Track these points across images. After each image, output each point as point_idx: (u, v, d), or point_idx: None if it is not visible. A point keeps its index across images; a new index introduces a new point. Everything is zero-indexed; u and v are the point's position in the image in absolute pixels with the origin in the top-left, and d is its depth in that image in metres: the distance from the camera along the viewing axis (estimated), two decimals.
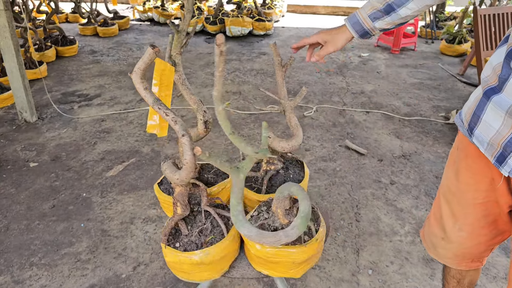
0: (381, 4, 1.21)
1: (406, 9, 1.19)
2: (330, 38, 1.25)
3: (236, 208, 0.99)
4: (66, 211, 2.34)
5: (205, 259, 1.18)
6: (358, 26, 1.25)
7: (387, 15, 1.21)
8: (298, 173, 1.56)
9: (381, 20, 1.22)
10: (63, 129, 3.22)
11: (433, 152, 2.99)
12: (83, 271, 1.95)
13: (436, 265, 2.00)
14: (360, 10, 1.26)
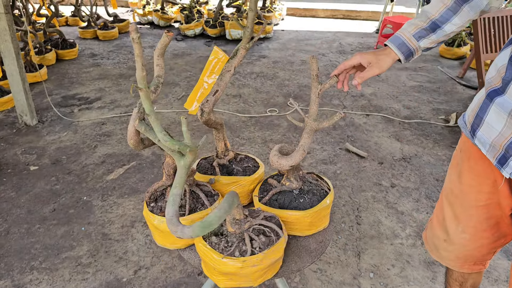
0: (425, 22, 1.18)
1: (451, 25, 1.17)
2: (374, 59, 1.19)
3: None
4: (66, 214, 2.34)
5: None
6: (404, 48, 1.20)
7: (432, 33, 1.18)
8: (313, 199, 1.35)
9: (426, 39, 1.18)
10: (64, 133, 3.22)
11: (433, 154, 2.99)
12: (84, 275, 1.95)
13: (437, 268, 2.00)
14: (402, 31, 1.21)
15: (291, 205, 1.32)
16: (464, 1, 1.15)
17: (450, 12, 1.16)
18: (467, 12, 1.15)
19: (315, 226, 1.34)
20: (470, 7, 1.15)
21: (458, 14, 1.16)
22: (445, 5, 1.17)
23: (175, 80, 4.34)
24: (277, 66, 4.81)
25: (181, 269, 1.97)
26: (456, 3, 1.16)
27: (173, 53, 5.28)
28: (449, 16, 1.17)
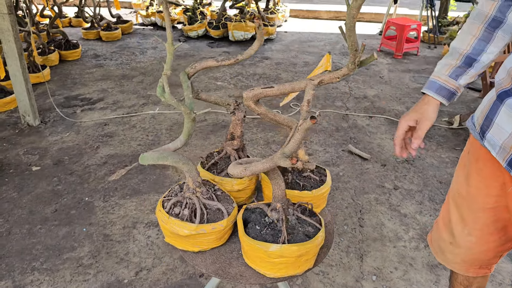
0: (458, 59, 1.13)
1: (487, 55, 1.11)
2: (419, 115, 1.14)
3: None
4: (68, 215, 2.33)
5: None
6: (443, 91, 1.14)
7: (469, 68, 1.12)
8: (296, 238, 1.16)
9: (465, 75, 1.12)
10: (66, 133, 3.22)
11: (437, 157, 2.97)
12: (85, 276, 1.94)
13: (441, 271, 1.98)
14: (437, 75, 1.16)
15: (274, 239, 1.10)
16: (495, 27, 1.08)
17: (483, 42, 1.10)
18: (501, 38, 1.09)
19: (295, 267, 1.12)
20: (504, 31, 1.08)
21: (492, 41, 1.09)
22: (475, 37, 1.11)
23: (177, 81, 4.30)
24: (280, 67, 4.80)
25: (182, 270, 1.96)
26: (487, 31, 1.10)
27: (176, 54, 5.27)
28: (483, 46, 1.10)
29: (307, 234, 1.10)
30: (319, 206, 1.35)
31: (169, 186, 2.59)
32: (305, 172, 1.35)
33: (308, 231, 1.11)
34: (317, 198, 1.29)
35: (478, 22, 1.11)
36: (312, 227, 1.13)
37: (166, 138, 3.16)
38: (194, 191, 1.19)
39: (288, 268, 1.07)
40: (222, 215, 1.17)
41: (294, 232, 1.10)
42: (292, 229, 1.11)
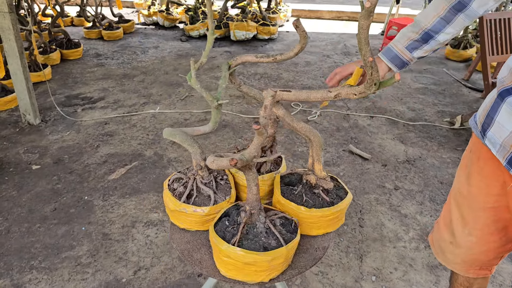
0: (417, 33, 1.20)
1: (444, 35, 1.18)
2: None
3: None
4: (67, 214, 2.33)
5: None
6: (396, 60, 1.23)
7: (425, 44, 1.20)
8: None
9: (420, 49, 1.21)
10: (66, 132, 3.22)
11: (438, 157, 2.96)
12: (83, 275, 1.93)
13: (441, 272, 1.97)
14: (395, 43, 1.23)
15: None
16: (459, 10, 1.14)
17: (443, 22, 1.16)
18: (462, 21, 1.15)
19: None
20: (466, 16, 1.14)
21: (452, 23, 1.15)
22: (438, 15, 1.17)
23: (178, 81, 4.34)
24: (281, 67, 4.79)
25: (181, 270, 1.95)
26: (450, 12, 1.15)
27: (177, 53, 5.27)
28: (442, 25, 1.16)
29: (265, 246, 1.04)
30: (321, 228, 1.21)
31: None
32: (316, 188, 1.23)
33: (269, 243, 1.05)
34: (312, 218, 1.17)
35: (445, 1, 1.16)
36: (277, 242, 1.06)
37: None
38: (195, 173, 1.24)
39: (237, 272, 1.04)
40: (209, 202, 1.19)
41: (254, 239, 1.06)
42: (255, 236, 1.06)
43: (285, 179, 1.31)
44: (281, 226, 1.13)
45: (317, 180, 1.22)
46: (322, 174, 1.21)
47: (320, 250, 1.18)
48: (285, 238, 1.07)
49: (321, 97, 1.03)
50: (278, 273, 1.07)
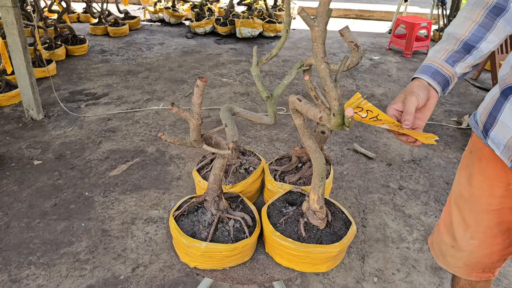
0: (455, 45, 1.02)
1: (487, 44, 1.00)
2: (404, 95, 0.98)
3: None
4: (67, 210, 2.32)
5: None
6: (439, 77, 0.98)
7: (468, 54, 1.00)
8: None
9: (463, 62, 1.00)
10: (69, 128, 3.21)
11: (444, 157, 2.90)
12: (81, 271, 1.92)
13: (444, 274, 1.92)
14: (431, 59, 1.02)
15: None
16: (497, 15, 0.99)
17: (483, 29, 1.00)
18: (503, 28, 0.99)
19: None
20: (506, 20, 0.98)
21: (493, 30, 0.99)
22: (475, 22, 1.01)
23: (183, 77, 4.31)
24: (287, 65, 4.75)
25: (179, 268, 1.93)
26: (488, 18, 1.00)
27: (182, 50, 5.25)
28: (482, 33, 1.00)
29: (192, 234, 1.08)
30: (286, 260, 1.10)
31: (170, 183, 2.56)
32: (304, 217, 1.13)
33: (200, 233, 1.08)
34: (280, 248, 1.09)
35: (479, 8, 1.01)
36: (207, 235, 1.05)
37: (169, 134, 3.13)
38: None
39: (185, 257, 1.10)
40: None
41: (197, 225, 1.11)
42: (199, 223, 1.11)
43: (289, 196, 1.23)
44: (234, 226, 1.10)
45: (307, 210, 1.10)
46: (314, 206, 1.06)
47: (266, 276, 1.09)
48: (223, 237, 1.07)
49: (314, 115, 0.91)
50: (202, 266, 1.09)
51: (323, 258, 1.04)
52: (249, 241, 1.05)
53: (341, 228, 1.10)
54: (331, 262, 1.08)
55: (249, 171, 1.40)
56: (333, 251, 1.02)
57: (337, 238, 1.05)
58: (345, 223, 1.12)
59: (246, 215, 1.12)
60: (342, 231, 1.08)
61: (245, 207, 1.19)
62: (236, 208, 1.16)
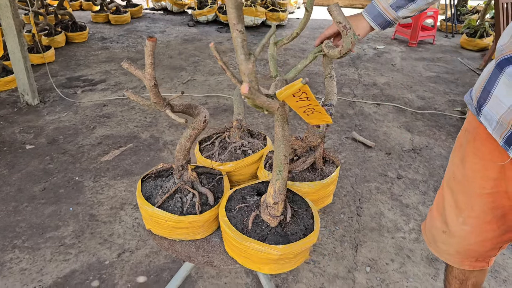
0: None
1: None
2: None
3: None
4: (56, 194, 2.27)
5: None
6: (380, 19, 1.18)
7: (411, 2, 1.14)
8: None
9: (405, 9, 1.15)
10: (64, 113, 3.17)
11: (446, 147, 2.81)
12: (66, 255, 1.87)
13: (440, 265, 1.85)
14: (379, 0, 1.18)
15: None
16: None
17: None
18: None
19: None
20: None
21: None
22: None
23: (182, 65, 4.25)
24: (289, 53, 4.66)
25: (166, 254, 1.88)
26: None
27: (183, 38, 5.18)
28: None
29: (147, 196, 1.09)
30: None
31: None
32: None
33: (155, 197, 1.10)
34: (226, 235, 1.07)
35: None
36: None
37: (164, 120, 3.07)
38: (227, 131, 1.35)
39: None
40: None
41: (158, 193, 1.11)
42: (162, 189, 1.11)
43: (262, 186, 1.17)
44: (191, 200, 1.08)
45: (263, 203, 1.03)
46: (268, 201, 1.00)
47: (206, 259, 1.05)
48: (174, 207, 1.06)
49: (273, 106, 0.87)
50: (155, 231, 1.10)
51: (262, 258, 0.97)
52: (198, 218, 1.01)
53: (297, 232, 1.00)
54: (274, 265, 0.99)
55: (246, 154, 1.34)
56: (273, 253, 0.94)
57: (284, 241, 0.96)
58: (305, 230, 1.01)
59: (210, 194, 1.06)
60: (296, 236, 0.99)
61: (219, 186, 1.12)
62: (207, 185, 1.10)
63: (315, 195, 1.22)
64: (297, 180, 1.22)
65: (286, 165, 0.96)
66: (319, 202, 1.27)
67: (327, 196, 1.29)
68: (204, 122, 1.08)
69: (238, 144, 1.35)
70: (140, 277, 1.77)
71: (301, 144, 1.24)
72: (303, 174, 1.25)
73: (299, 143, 1.24)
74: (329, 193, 1.29)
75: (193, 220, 1.02)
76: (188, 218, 1.01)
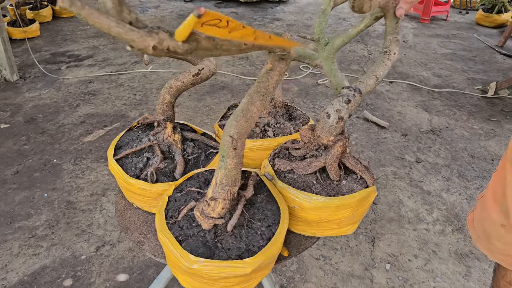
0: None
1: None
2: None
3: None
4: (30, 178, 2.00)
5: None
6: None
7: None
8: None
9: None
10: (45, 90, 2.87)
11: (468, 128, 2.53)
12: (36, 249, 1.61)
13: (472, 261, 1.59)
14: None
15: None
16: None
17: None
18: None
19: None
20: None
21: None
22: None
23: None
24: (291, 29, 4.34)
25: None
26: None
27: (179, 13, 4.86)
28: None
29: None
30: None
31: None
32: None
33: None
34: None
35: None
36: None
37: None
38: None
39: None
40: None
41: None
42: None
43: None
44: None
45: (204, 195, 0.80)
46: (208, 192, 0.77)
47: (138, 236, 0.91)
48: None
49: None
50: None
51: (175, 263, 0.72)
52: (148, 188, 0.86)
53: (230, 250, 0.71)
54: (188, 278, 0.74)
55: (265, 135, 1.07)
56: (183, 263, 0.69)
57: (204, 254, 0.69)
58: (245, 252, 0.71)
59: (181, 165, 0.82)
60: (223, 254, 0.70)
61: (206, 161, 0.86)
62: (190, 155, 0.85)
63: (313, 214, 0.89)
64: (294, 185, 0.91)
65: (231, 151, 0.68)
66: (320, 227, 0.93)
67: (337, 222, 0.92)
68: (195, 75, 0.82)
69: (263, 121, 1.07)
70: (121, 274, 1.51)
71: (311, 138, 0.94)
72: (308, 180, 0.93)
73: (308, 135, 0.94)
74: (343, 219, 0.91)
75: (142, 188, 0.86)
76: (139, 183, 0.86)
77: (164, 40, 0.46)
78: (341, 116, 0.85)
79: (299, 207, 0.88)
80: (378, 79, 0.88)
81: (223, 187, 0.70)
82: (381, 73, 0.88)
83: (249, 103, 0.69)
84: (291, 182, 0.93)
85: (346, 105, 0.84)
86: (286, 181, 0.93)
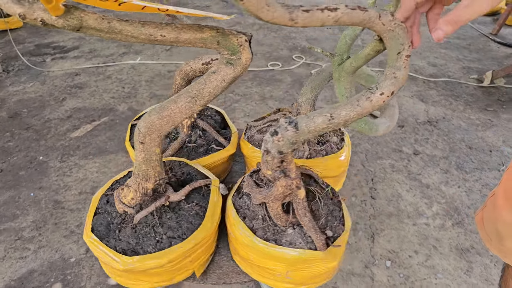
0: None
1: None
2: None
3: None
4: (15, 177, 1.91)
5: None
6: None
7: None
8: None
9: None
10: (29, 83, 2.76)
11: (465, 118, 2.49)
12: (23, 252, 1.54)
13: (473, 257, 1.55)
14: None
15: None
16: None
17: None
18: None
19: None
20: None
21: None
22: None
23: None
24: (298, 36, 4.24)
25: None
26: None
27: None
28: None
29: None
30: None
31: None
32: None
33: None
34: None
35: None
36: None
37: (145, 90, 2.69)
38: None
39: None
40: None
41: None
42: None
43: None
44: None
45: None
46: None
47: None
48: None
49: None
50: None
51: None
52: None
53: (127, 243, 0.74)
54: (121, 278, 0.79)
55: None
56: (85, 228, 0.82)
57: (102, 232, 0.78)
58: (133, 250, 0.72)
59: (176, 145, 0.80)
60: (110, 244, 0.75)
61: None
62: (191, 141, 0.79)
63: (242, 250, 0.82)
64: (242, 210, 0.85)
65: (138, 144, 0.74)
66: (254, 269, 0.86)
67: (271, 273, 0.83)
68: (205, 64, 0.80)
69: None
70: None
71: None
72: (257, 212, 0.85)
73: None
74: (276, 273, 0.81)
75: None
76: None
77: (35, 11, 0.46)
78: (267, 148, 0.70)
79: (233, 235, 0.82)
80: (332, 119, 0.68)
81: (135, 178, 0.71)
82: (343, 114, 0.67)
83: (172, 101, 0.66)
84: (242, 206, 0.85)
85: (271, 137, 0.68)
86: (238, 203, 0.86)
